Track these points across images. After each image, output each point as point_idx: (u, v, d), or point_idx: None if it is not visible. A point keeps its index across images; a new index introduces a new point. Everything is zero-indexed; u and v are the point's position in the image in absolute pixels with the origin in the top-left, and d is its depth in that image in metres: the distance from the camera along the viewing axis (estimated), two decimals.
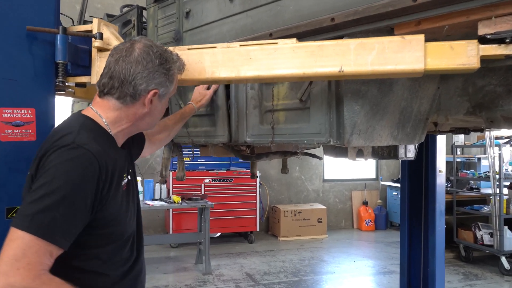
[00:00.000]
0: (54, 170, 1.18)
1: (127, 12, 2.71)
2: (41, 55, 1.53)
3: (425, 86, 1.77)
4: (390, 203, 9.04)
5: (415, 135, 1.84)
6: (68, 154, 1.21)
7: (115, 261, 1.37)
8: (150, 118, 1.45)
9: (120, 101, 1.37)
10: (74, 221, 1.19)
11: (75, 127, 1.29)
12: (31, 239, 1.11)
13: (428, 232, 3.95)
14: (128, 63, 1.34)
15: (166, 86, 1.41)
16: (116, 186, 1.33)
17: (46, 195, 1.15)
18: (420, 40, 1.28)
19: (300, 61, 1.40)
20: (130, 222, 1.43)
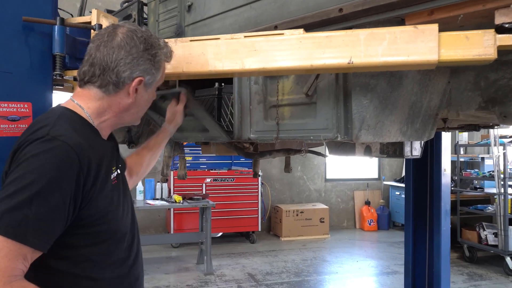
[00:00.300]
0: (26, 164, 1.07)
1: (128, 6, 2.65)
2: (38, 47, 1.47)
3: (436, 80, 1.71)
4: (393, 203, 8.98)
5: (425, 131, 1.78)
6: (42, 146, 1.09)
7: (110, 263, 1.26)
8: (135, 109, 1.35)
9: (102, 89, 1.26)
10: (51, 219, 1.07)
11: (52, 119, 1.18)
12: (0, 240, 1.01)
13: (433, 232, 3.89)
14: (110, 49, 1.24)
15: (152, 74, 1.31)
16: (104, 181, 1.21)
17: (17, 191, 1.04)
18: (433, 29, 1.22)
19: (307, 52, 1.34)
20: (123, 219, 1.31)
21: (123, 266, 1.31)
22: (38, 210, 1.04)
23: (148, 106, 1.40)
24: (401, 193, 8.49)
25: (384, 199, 9.12)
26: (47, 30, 1.48)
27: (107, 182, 1.24)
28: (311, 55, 1.34)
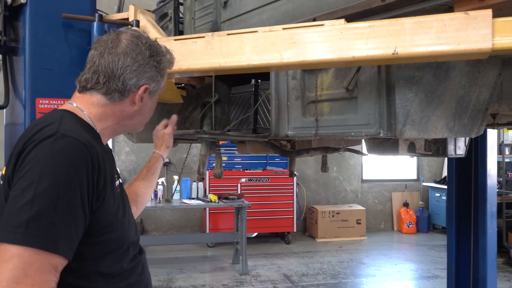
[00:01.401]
0: (40, 166, 0.98)
1: (164, 5, 2.67)
2: (77, 43, 1.49)
3: (485, 73, 1.61)
4: (433, 205, 8.68)
5: (473, 127, 1.68)
6: (54, 145, 1.02)
7: (118, 274, 1.18)
8: (139, 118, 1.29)
9: (107, 97, 1.20)
10: (76, 223, 1.00)
11: (55, 118, 1.11)
12: (30, 254, 0.91)
13: (478, 235, 3.71)
14: (115, 56, 1.18)
15: (158, 81, 1.26)
16: (111, 185, 1.15)
17: (36, 197, 0.95)
18: (487, 15, 1.14)
19: (349, 43, 1.28)
20: (129, 229, 1.24)
21: (131, 276, 1.24)
22: (63, 215, 0.97)
23: (151, 114, 1.35)
24: (441, 195, 8.20)
25: (423, 201, 8.84)
26: (86, 27, 1.49)
27: (113, 188, 1.18)
28: (353, 46, 1.28)
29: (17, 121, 1.52)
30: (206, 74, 1.58)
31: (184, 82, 2.45)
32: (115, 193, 1.18)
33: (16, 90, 1.50)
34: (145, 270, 1.33)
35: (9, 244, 0.91)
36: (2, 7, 1.41)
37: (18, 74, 1.48)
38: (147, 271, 1.35)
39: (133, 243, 1.25)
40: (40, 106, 1.42)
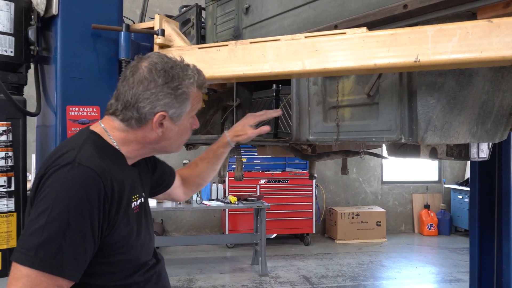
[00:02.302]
0: (55, 194, 1.06)
1: (186, 11, 2.72)
2: (105, 53, 1.54)
3: (510, 78, 1.60)
4: (455, 207, 8.55)
5: (497, 132, 1.67)
6: (69, 174, 1.08)
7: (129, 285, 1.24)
8: (166, 142, 1.29)
9: (124, 124, 1.23)
10: (83, 249, 1.07)
11: (77, 143, 1.18)
12: (37, 275, 1.00)
13: (502, 239, 3.65)
14: (130, 84, 1.21)
15: (177, 107, 1.23)
16: (125, 209, 1.20)
17: (48, 224, 1.03)
18: (510, 23, 1.14)
19: (370, 51, 1.30)
20: (144, 248, 1.29)
21: (146, 286, 1.29)
22: (72, 242, 1.04)
23: (187, 134, 1.34)
24: (464, 197, 8.07)
25: (445, 203, 8.71)
26: (114, 37, 1.54)
27: (128, 210, 1.22)
28: (374, 54, 1.29)
29: (48, 125, 1.58)
30: (229, 81, 1.62)
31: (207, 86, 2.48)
32: (130, 216, 1.22)
33: (47, 98, 1.57)
34: (162, 278, 1.37)
35: (21, 265, 1.01)
36: (35, 18, 1.47)
37: (50, 82, 1.54)
38: (165, 277, 1.40)
39: (147, 261, 1.30)
40: (70, 114, 1.48)
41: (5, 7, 1.41)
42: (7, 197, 1.45)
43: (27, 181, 1.56)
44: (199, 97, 1.31)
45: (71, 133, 1.48)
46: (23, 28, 1.46)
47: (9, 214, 1.46)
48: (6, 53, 1.42)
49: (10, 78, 1.46)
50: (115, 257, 1.18)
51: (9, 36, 1.42)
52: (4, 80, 1.43)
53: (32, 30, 1.47)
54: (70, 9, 1.48)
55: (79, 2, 1.48)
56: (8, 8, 1.42)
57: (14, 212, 1.47)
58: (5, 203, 1.45)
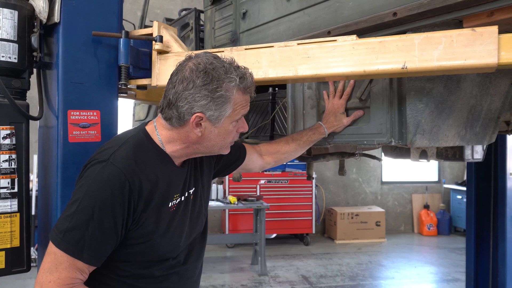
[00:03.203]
0: (87, 187, 1.19)
1: (185, 15, 2.77)
2: (105, 58, 1.59)
3: (497, 82, 1.65)
4: (454, 207, 8.60)
5: (485, 135, 1.72)
6: (101, 171, 1.20)
7: (146, 276, 1.33)
8: (208, 143, 1.30)
9: (168, 122, 1.28)
10: (104, 240, 1.19)
11: (121, 141, 1.27)
12: (61, 255, 1.16)
13: (498, 239, 3.70)
14: (173, 83, 1.24)
15: (214, 109, 1.23)
16: (157, 207, 1.27)
17: (77, 212, 1.17)
18: (493, 32, 1.19)
19: (360, 58, 1.35)
20: (169, 245, 1.34)
21: (163, 282, 1.37)
22: (93, 232, 1.17)
23: (230, 137, 1.33)
24: (463, 197, 8.11)
25: (444, 203, 8.76)
26: (114, 43, 1.59)
27: (161, 209, 1.28)
28: (364, 61, 1.34)
29: (50, 130, 1.64)
30: None
31: None
32: (162, 214, 1.29)
33: (49, 102, 1.62)
34: (185, 280, 1.43)
35: (52, 243, 1.18)
36: (38, 26, 1.52)
37: (52, 87, 1.59)
38: (188, 280, 1.45)
39: (173, 256, 1.37)
40: (71, 118, 1.53)
41: (9, 15, 1.46)
42: (11, 198, 1.50)
43: (29, 183, 1.61)
44: (243, 102, 1.29)
45: (72, 136, 1.53)
46: (26, 35, 1.51)
47: (13, 215, 1.51)
48: (10, 59, 1.47)
49: (13, 84, 1.50)
50: (136, 247, 1.28)
51: (13, 43, 1.47)
52: (8, 85, 1.48)
53: (35, 37, 1.52)
54: (72, 17, 1.52)
55: (80, 10, 1.53)
56: (12, 16, 1.47)
57: (17, 212, 1.52)
58: (8, 204, 1.50)
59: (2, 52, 1.46)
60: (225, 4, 2.37)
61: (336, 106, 1.71)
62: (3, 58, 1.46)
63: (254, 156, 1.73)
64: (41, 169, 1.78)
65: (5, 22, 1.46)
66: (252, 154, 1.72)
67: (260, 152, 1.75)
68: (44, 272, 1.17)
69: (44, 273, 1.17)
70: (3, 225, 1.49)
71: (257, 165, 1.76)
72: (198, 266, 1.51)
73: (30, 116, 1.52)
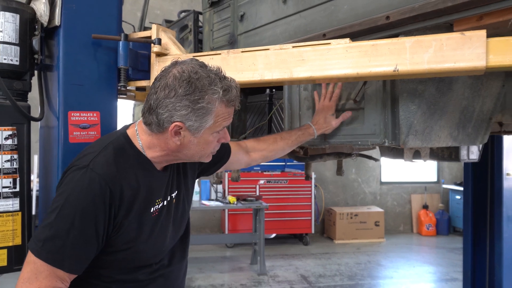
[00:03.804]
0: (67, 194, 1.17)
1: (184, 17, 2.80)
2: (105, 61, 1.62)
3: (489, 84, 1.68)
4: (453, 208, 8.63)
5: (477, 136, 1.75)
6: (81, 178, 1.18)
7: (131, 281, 1.32)
8: (187, 151, 1.28)
9: (148, 127, 1.26)
10: (85, 248, 1.18)
11: (101, 146, 1.25)
12: (41, 264, 1.14)
13: (494, 239, 3.74)
14: (156, 88, 1.22)
15: (194, 120, 1.21)
16: (139, 212, 1.26)
17: (57, 220, 1.15)
18: (481, 36, 1.22)
19: (353, 61, 1.38)
20: (153, 250, 1.33)
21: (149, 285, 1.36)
22: (74, 240, 1.15)
23: (210, 147, 1.32)
24: (462, 198, 8.13)
25: (443, 203, 8.79)
26: (113, 45, 1.63)
27: (143, 215, 1.27)
28: (357, 63, 1.38)
29: (51, 131, 1.67)
30: None
31: None
32: (144, 220, 1.28)
33: (50, 103, 1.65)
34: (171, 280, 1.43)
35: (31, 253, 1.16)
36: (39, 29, 1.56)
37: (52, 89, 1.63)
38: (174, 280, 1.45)
39: (152, 262, 1.36)
40: (72, 119, 1.57)
41: (11, 19, 1.50)
42: (13, 197, 1.54)
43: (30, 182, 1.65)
44: (225, 114, 1.27)
45: (72, 137, 1.56)
46: (27, 38, 1.54)
47: (14, 213, 1.55)
48: (12, 62, 1.51)
49: (15, 85, 1.54)
50: (118, 254, 1.27)
51: (14, 46, 1.51)
52: (10, 87, 1.51)
53: (36, 40, 1.55)
54: (72, 20, 1.56)
55: (80, 13, 1.57)
56: (14, 20, 1.50)
57: (19, 211, 1.55)
58: (10, 203, 1.53)
59: (4, 55, 1.50)
60: (223, 6, 2.41)
61: (326, 108, 1.74)
62: (5, 60, 1.50)
63: (240, 153, 1.71)
64: (41, 170, 1.81)
65: (7, 25, 1.49)
66: (238, 152, 1.70)
67: (246, 149, 1.74)
68: (24, 282, 1.14)
69: (23, 283, 1.14)
70: (5, 224, 1.52)
71: (243, 163, 1.75)
72: (183, 266, 1.51)
73: (31, 117, 1.55)
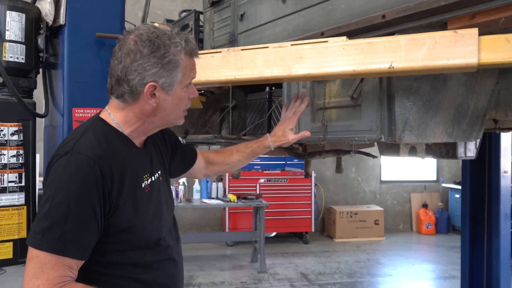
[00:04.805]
0: (56, 182, 1.15)
1: (185, 16, 2.84)
2: (108, 59, 1.64)
3: (483, 81, 1.72)
4: (452, 206, 8.66)
5: (472, 132, 1.79)
6: (68, 162, 1.16)
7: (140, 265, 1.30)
8: (164, 113, 1.29)
9: (120, 100, 1.26)
10: (86, 231, 1.15)
11: (79, 132, 1.24)
12: (45, 255, 1.11)
13: (492, 236, 3.78)
14: (118, 59, 1.23)
15: (166, 76, 1.23)
16: (131, 189, 1.25)
17: (52, 209, 1.13)
18: (473, 34, 1.26)
19: (350, 58, 1.42)
20: (151, 227, 1.32)
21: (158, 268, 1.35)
22: (73, 225, 1.13)
23: (183, 104, 1.33)
24: None
25: (442, 202, 8.83)
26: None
27: (135, 191, 1.27)
28: (353, 61, 1.42)
29: (55, 127, 1.71)
30: (222, 85, 1.74)
31: (204, 89, 2.62)
32: (138, 197, 1.27)
33: (54, 100, 1.69)
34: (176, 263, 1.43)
35: (32, 247, 1.12)
36: (44, 28, 1.60)
37: (57, 86, 1.67)
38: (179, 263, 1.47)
39: (158, 239, 1.34)
40: (76, 115, 1.61)
41: (17, 18, 1.54)
42: (18, 191, 1.58)
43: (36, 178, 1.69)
44: (191, 65, 1.30)
45: None
46: (33, 37, 1.59)
47: (20, 207, 1.59)
48: (18, 60, 1.55)
49: (21, 83, 1.58)
50: (121, 235, 1.24)
51: (20, 44, 1.55)
52: (16, 84, 1.56)
53: (41, 38, 1.59)
54: (76, 19, 1.60)
55: (84, 12, 1.61)
56: (20, 19, 1.55)
57: (25, 205, 1.60)
58: (16, 197, 1.58)
59: (10, 53, 1.54)
60: (224, 6, 2.45)
61: (287, 121, 1.75)
62: (11, 58, 1.54)
63: (201, 163, 1.73)
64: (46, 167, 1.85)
65: (13, 24, 1.54)
66: (200, 160, 1.72)
67: (207, 160, 1.76)
68: (30, 279, 1.10)
69: (30, 280, 1.10)
70: (11, 217, 1.56)
71: (202, 173, 1.77)
72: (180, 248, 1.53)
73: (36, 113, 1.59)
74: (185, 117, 1.34)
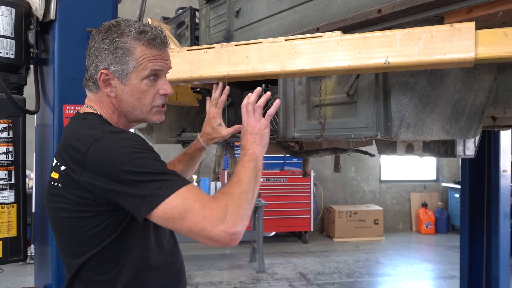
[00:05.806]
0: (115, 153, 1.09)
1: (181, 13, 2.82)
2: None
3: (481, 78, 1.69)
4: (452, 206, 8.63)
5: (470, 129, 1.76)
6: (109, 140, 1.11)
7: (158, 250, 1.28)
8: (126, 105, 1.23)
9: (87, 89, 1.27)
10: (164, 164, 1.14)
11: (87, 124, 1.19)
12: (177, 197, 1.06)
13: (491, 235, 3.75)
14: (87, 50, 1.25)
15: (115, 63, 1.18)
16: None
17: (139, 167, 1.07)
18: (470, 28, 1.24)
19: (345, 53, 1.39)
20: None
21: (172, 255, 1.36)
22: (161, 164, 1.11)
23: (149, 98, 1.25)
24: None
25: (442, 202, 8.80)
26: None
27: None
28: (348, 56, 1.39)
29: (47, 123, 1.69)
30: (215, 81, 1.71)
31: (200, 87, 2.59)
32: None
33: (45, 97, 1.67)
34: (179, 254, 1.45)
35: (163, 201, 1.05)
36: (34, 23, 1.58)
37: (48, 82, 1.65)
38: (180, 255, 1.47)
39: None
40: (67, 112, 1.58)
41: (6, 13, 1.51)
42: (8, 189, 1.55)
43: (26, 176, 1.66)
44: (148, 55, 1.21)
45: None
46: (23, 32, 1.56)
47: (10, 205, 1.56)
48: (7, 55, 1.52)
49: (11, 79, 1.56)
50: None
51: (10, 39, 1.53)
52: (6, 80, 1.53)
53: (32, 33, 1.57)
54: (67, 14, 1.58)
55: (75, 7, 1.59)
56: (9, 14, 1.52)
57: (14, 203, 1.57)
58: (5, 195, 1.55)
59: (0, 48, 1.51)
60: (220, 2, 2.43)
61: (212, 115, 1.65)
62: (0, 54, 1.52)
63: None
64: (38, 165, 1.83)
65: (2, 19, 1.51)
66: None
67: None
68: (192, 215, 1.05)
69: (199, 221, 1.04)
70: (1, 215, 1.54)
71: None
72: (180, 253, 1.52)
73: (27, 110, 1.57)
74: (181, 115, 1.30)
